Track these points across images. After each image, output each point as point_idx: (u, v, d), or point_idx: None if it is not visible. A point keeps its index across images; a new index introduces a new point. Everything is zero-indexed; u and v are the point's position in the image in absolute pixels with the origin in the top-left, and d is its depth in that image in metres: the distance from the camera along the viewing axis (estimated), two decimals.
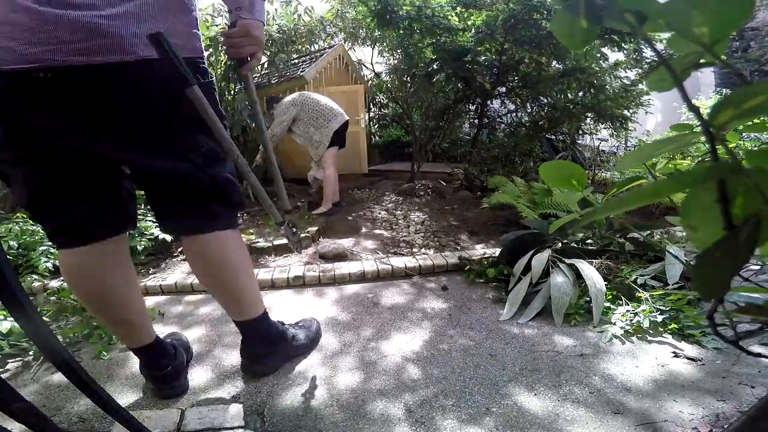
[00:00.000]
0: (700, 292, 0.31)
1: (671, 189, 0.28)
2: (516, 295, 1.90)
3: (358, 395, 1.31)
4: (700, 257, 0.30)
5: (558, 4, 0.33)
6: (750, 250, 0.29)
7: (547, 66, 4.84)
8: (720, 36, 0.30)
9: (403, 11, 4.11)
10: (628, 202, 0.30)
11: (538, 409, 1.21)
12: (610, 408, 1.21)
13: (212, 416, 1.17)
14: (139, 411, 1.20)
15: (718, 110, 0.28)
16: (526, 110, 5.70)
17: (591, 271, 1.86)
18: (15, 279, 0.59)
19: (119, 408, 0.78)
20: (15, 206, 2.91)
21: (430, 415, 1.20)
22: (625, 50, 4.57)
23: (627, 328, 1.64)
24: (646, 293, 1.81)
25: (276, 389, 1.36)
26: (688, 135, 0.34)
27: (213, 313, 1.99)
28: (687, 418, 1.15)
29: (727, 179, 0.28)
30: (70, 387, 1.34)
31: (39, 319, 0.64)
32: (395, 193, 4.46)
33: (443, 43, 4.26)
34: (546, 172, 0.58)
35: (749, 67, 9.71)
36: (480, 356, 1.52)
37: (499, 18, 4.00)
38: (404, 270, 2.39)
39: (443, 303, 2.00)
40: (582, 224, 0.36)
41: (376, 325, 1.79)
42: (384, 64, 6.53)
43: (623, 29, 0.32)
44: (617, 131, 5.01)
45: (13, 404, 0.62)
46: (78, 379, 0.68)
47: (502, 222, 3.24)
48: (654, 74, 0.35)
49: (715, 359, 1.43)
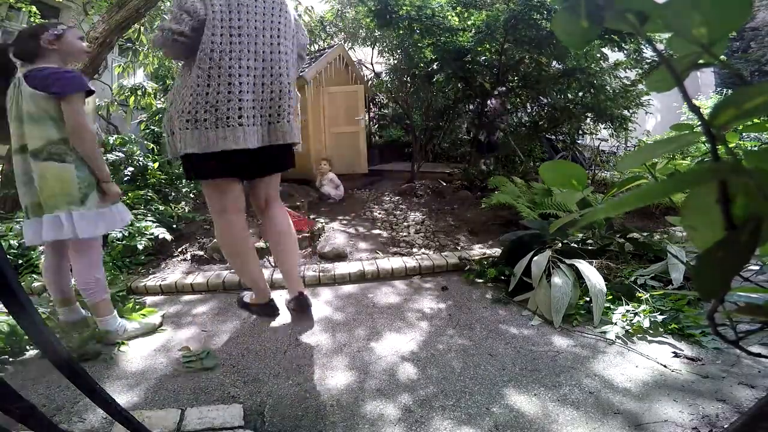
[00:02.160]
0: (700, 293, 0.31)
1: (671, 189, 0.28)
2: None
3: (357, 395, 1.31)
4: (701, 257, 0.30)
5: (558, 4, 0.33)
6: (751, 251, 0.29)
7: (547, 66, 4.83)
8: (719, 36, 0.30)
9: (403, 11, 4.11)
10: (628, 202, 0.30)
11: (538, 409, 1.21)
12: (610, 408, 1.21)
13: (212, 416, 1.17)
14: (139, 411, 1.20)
15: (719, 110, 0.28)
16: (526, 110, 5.70)
17: (591, 271, 1.86)
18: (15, 279, 0.59)
19: (119, 408, 0.78)
20: (15, 206, 2.91)
21: (429, 415, 1.20)
22: (625, 50, 4.57)
23: (627, 329, 1.64)
24: (646, 293, 1.81)
25: (276, 389, 1.36)
26: (688, 135, 0.34)
27: (212, 312, 1.99)
28: (687, 418, 1.15)
29: (728, 179, 0.28)
30: (71, 387, 1.34)
31: (39, 319, 0.64)
32: (395, 193, 4.46)
33: (443, 43, 4.26)
34: (546, 172, 0.58)
35: (749, 68, 9.70)
36: (480, 356, 1.52)
37: (500, 18, 3.99)
38: (404, 270, 2.39)
39: (443, 303, 2.00)
40: (582, 224, 0.36)
41: (376, 325, 1.79)
42: (384, 64, 6.53)
43: (624, 29, 0.32)
44: (617, 131, 5.00)
45: (13, 404, 0.62)
46: (78, 379, 0.68)
47: (502, 222, 3.24)
48: (654, 74, 0.35)
49: (715, 359, 1.43)
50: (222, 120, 1.51)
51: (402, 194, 4.37)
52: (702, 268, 0.30)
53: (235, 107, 1.53)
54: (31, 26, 2.11)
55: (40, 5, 5.62)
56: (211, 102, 1.51)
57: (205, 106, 1.51)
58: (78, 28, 1.83)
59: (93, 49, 3.38)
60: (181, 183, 3.78)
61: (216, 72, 1.52)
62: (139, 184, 3.42)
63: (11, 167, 3.11)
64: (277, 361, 1.53)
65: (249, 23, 1.57)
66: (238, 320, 1.89)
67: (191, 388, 1.38)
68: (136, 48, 5.00)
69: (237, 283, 2.29)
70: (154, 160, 3.63)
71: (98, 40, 3.39)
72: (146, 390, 1.38)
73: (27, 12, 5.34)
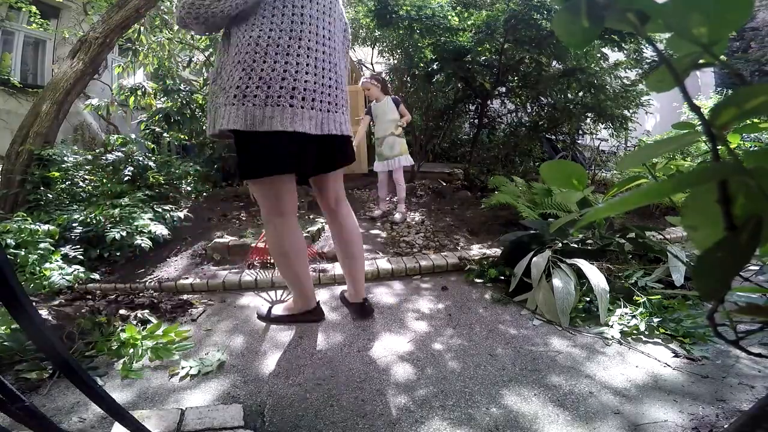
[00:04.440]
0: (700, 293, 0.31)
1: (672, 189, 0.28)
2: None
3: (357, 395, 1.31)
4: (701, 258, 0.30)
5: (559, 4, 0.33)
6: (751, 251, 0.29)
7: (547, 66, 4.84)
8: (719, 36, 0.30)
9: (403, 11, 4.11)
10: (628, 202, 0.30)
11: (538, 410, 1.21)
12: (610, 408, 1.21)
13: (212, 416, 1.17)
14: (139, 411, 1.20)
15: (719, 110, 0.28)
16: (526, 110, 5.71)
17: (593, 271, 1.86)
18: (15, 279, 0.59)
19: (119, 408, 0.78)
20: (14, 206, 2.91)
21: (429, 415, 1.20)
22: (625, 50, 4.57)
23: (627, 329, 1.64)
24: (643, 297, 1.81)
25: (276, 389, 1.36)
26: (688, 135, 0.34)
27: (211, 312, 1.99)
28: (687, 418, 1.15)
29: (729, 179, 0.28)
30: (71, 387, 1.34)
31: (40, 319, 0.64)
32: (395, 192, 4.46)
33: (443, 43, 4.26)
34: (547, 172, 0.58)
35: (749, 68, 9.70)
36: (480, 356, 1.52)
37: (500, 18, 4.00)
38: (404, 270, 2.39)
39: (443, 303, 2.00)
40: (582, 224, 0.36)
41: (376, 325, 1.79)
42: (384, 64, 6.53)
43: (624, 29, 0.32)
44: (617, 131, 5.01)
45: (13, 404, 0.62)
46: (78, 378, 0.68)
47: (502, 222, 3.24)
48: (654, 74, 0.35)
49: (715, 359, 1.43)
50: (272, 98, 1.39)
51: None
52: (702, 268, 0.30)
53: (288, 86, 1.41)
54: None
55: (40, 5, 5.62)
56: (265, 78, 1.39)
57: (258, 82, 1.39)
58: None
59: (93, 49, 3.38)
60: (181, 183, 3.78)
61: (273, 50, 1.41)
62: (139, 185, 3.42)
63: (11, 167, 3.12)
64: (277, 361, 1.53)
65: (312, 4, 1.49)
66: (238, 320, 1.89)
67: (191, 388, 1.38)
68: (136, 48, 5.00)
69: (237, 283, 2.29)
70: (155, 160, 3.63)
71: (98, 40, 3.38)
72: (146, 390, 1.38)
73: (27, 12, 5.35)
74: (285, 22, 1.43)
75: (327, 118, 1.50)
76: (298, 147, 1.48)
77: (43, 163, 3.10)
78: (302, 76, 1.44)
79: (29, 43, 6.11)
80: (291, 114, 1.40)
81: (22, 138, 3.15)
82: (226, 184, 4.77)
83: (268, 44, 1.41)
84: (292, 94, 1.42)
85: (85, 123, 6.07)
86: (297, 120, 1.41)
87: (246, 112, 1.39)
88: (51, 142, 3.27)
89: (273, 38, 1.41)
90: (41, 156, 3.09)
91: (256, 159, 1.46)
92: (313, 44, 1.47)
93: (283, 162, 1.48)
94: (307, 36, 1.46)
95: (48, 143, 3.22)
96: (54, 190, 3.10)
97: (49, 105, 3.24)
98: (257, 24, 1.42)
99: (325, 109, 1.50)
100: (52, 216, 2.68)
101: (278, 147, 1.44)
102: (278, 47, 1.41)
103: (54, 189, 3.11)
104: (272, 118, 1.39)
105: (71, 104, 3.45)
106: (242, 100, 1.39)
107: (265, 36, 1.41)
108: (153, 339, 1.65)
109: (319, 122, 1.48)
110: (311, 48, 1.47)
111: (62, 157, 3.21)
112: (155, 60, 5.10)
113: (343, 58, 1.65)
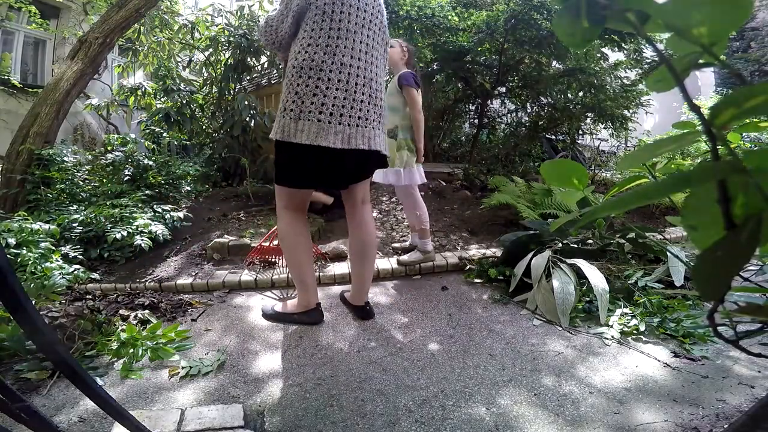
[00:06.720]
0: (700, 292, 0.31)
1: (671, 189, 0.28)
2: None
3: (357, 395, 1.31)
4: (701, 257, 0.30)
5: (559, 4, 0.33)
6: (751, 250, 0.29)
7: (547, 66, 4.84)
8: (718, 37, 0.30)
9: (403, 11, 4.11)
10: (628, 202, 0.30)
11: (538, 410, 1.21)
12: (610, 408, 1.21)
13: (212, 416, 1.17)
14: (139, 411, 1.20)
15: (719, 110, 0.28)
16: (526, 110, 5.71)
17: (593, 271, 1.86)
18: (15, 279, 0.59)
19: (119, 408, 0.78)
20: (15, 206, 2.91)
21: (430, 414, 1.20)
22: (625, 50, 4.57)
23: (627, 329, 1.64)
24: (646, 295, 1.81)
25: (276, 389, 1.36)
26: (688, 135, 0.34)
27: (211, 312, 1.99)
28: (687, 418, 1.15)
29: (728, 179, 0.28)
30: (70, 387, 1.34)
31: (39, 319, 0.64)
32: (394, 192, 4.45)
33: (443, 43, 4.26)
34: (547, 171, 0.58)
35: (749, 68, 9.69)
36: (480, 356, 1.52)
37: (500, 18, 4.00)
38: (404, 270, 2.39)
39: (443, 303, 2.00)
40: (582, 224, 0.36)
41: (376, 325, 1.79)
42: None
43: (624, 29, 0.32)
44: (617, 131, 5.01)
45: (13, 404, 0.62)
46: (78, 379, 0.68)
47: (502, 222, 3.24)
48: (653, 74, 0.35)
49: (715, 359, 1.43)
50: (304, 113, 1.50)
51: None
52: (702, 268, 0.30)
53: (318, 102, 1.50)
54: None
55: (40, 5, 5.62)
56: (300, 94, 1.50)
57: (294, 97, 1.51)
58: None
59: (93, 49, 3.38)
60: (180, 183, 3.78)
61: (308, 64, 1.50)
62: (139, 185, 3.41)
63: (11, 167, 3.12)
64: (277, 361, 1.53)
65: (351, 18, 1.53)
66: (237, 320, 1.89)
67: (191, 388, 1.38)
68: (136, 48, 5.00)
69: (236, 283, 2.29)
70: (154, 160, 3.63)
71: (98, 40, 3.38)
72: (146, 390, 1.38)
73: (27, 12, 5.35)
74: (322, 37, 1.51)
75: (355, 133, 1.56)
76: (330, 159, 1.55)
77: (43, 162, 3.10)
78: (332, 92, 1.51)
79: (29, 43, 6.11)
80: (317, 129, 1.49)
81: (22, 138, 3.16)
82: (225, 184, 4.77)
83: (305, 59, 1.51)
84: (321, 109, 1.50)
85: (85, 123, 6.08)
86: (322, 134, 1.49)
87: (284, 125, 1.52)
88: (51, 142, 3.27)
89: (309, 54, 1.51)
90: (41, 156, 3.09)
91: (286, 168, 1.61)
92: (347, 59, 1.54)
93: (307, 178, 1.62)
94: (342, 51, 1.53)
95: (48, 143, 3.22)
96: (54, 190, 3.10)
97: (49, 105, 3.24)
98: (299, 40, 1.54)
99: (354, 124, 1.56)
100: (52, 216, 2.68)
101: (305, 160, 1.55)
102: (312, 62, 1.51)
103: (54, 189, 3.11)
104: (301, 131, 1.50)
105: (71, 104, 3.45)
106: (283, 113, 1.54)
107: (303, 52, 1.52)
108: (153, 339, 1.65)
109: (347, 137, 1.54)
110: (344, 63, 1.53)
111: (62, 157, 3.21)
112: (155, 60, 5.10)
113: (384, 68, 1.71)
